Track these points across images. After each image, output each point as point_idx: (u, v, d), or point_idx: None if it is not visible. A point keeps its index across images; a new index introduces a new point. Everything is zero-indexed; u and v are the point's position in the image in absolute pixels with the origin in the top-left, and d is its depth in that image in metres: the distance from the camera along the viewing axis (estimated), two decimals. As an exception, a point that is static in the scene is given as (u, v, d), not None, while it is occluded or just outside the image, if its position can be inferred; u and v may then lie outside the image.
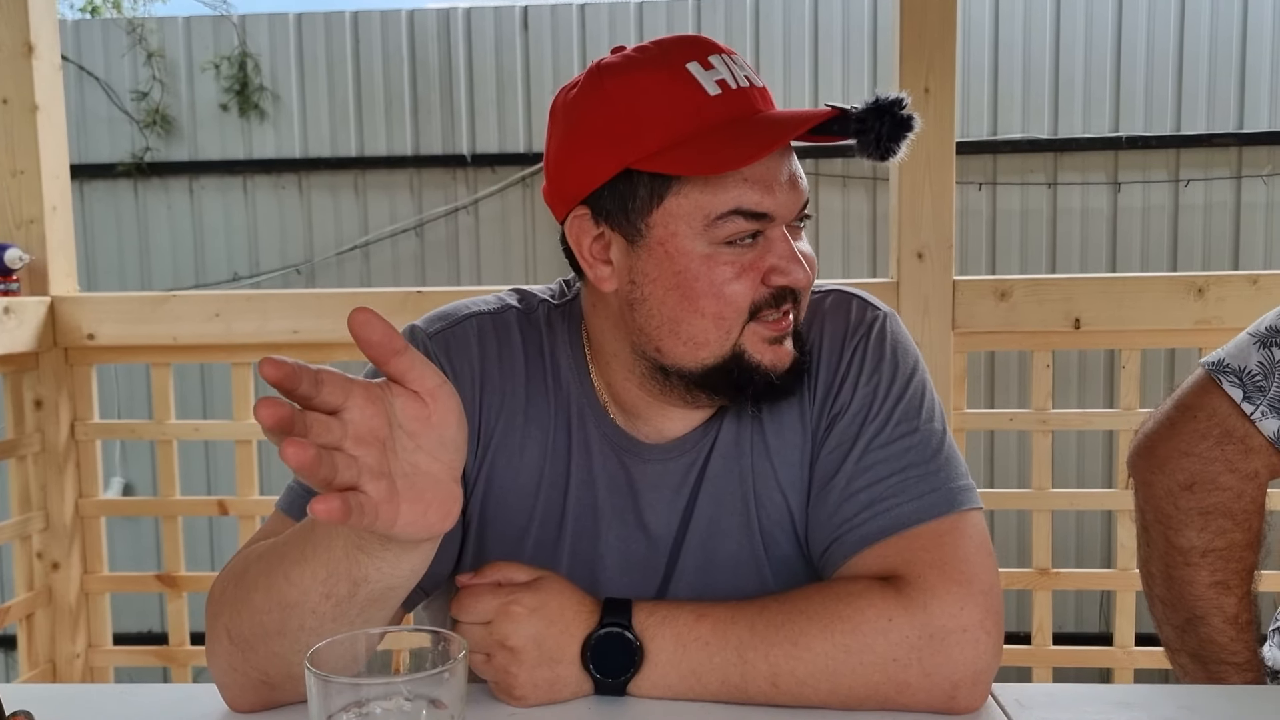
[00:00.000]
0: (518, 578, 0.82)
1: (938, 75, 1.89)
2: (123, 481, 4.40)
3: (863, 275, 4.29)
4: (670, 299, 0.84)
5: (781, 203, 0.83)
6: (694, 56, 0.83)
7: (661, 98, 0.81)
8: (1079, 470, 4.03)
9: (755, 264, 0.83)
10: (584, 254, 0.87)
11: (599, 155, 0.83)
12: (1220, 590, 1.03)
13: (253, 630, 0.74)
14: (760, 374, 0.85)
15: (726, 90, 0.82)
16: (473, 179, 4.36)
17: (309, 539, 0.70)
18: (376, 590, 0.69)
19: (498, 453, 0.91)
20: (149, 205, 4.47)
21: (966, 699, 0.78)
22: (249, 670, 0.76)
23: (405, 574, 0.69)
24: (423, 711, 0.57)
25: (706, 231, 0.82)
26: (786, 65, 4.25)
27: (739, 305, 0.83)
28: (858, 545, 0.84)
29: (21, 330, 2.00)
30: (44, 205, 2.08)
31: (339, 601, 0.70)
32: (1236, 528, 1.01)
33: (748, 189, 0.81)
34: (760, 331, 0.84)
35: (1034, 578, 2.03)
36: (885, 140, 0.81)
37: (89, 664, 2.19)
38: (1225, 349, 1.04)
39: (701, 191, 0.81)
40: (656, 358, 0.86)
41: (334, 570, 0.69)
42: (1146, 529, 1.07)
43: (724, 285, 0.82)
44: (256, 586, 0.74)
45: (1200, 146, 4.14)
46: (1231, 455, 1.00)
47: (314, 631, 0.71)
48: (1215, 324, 1.87)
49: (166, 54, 4.42)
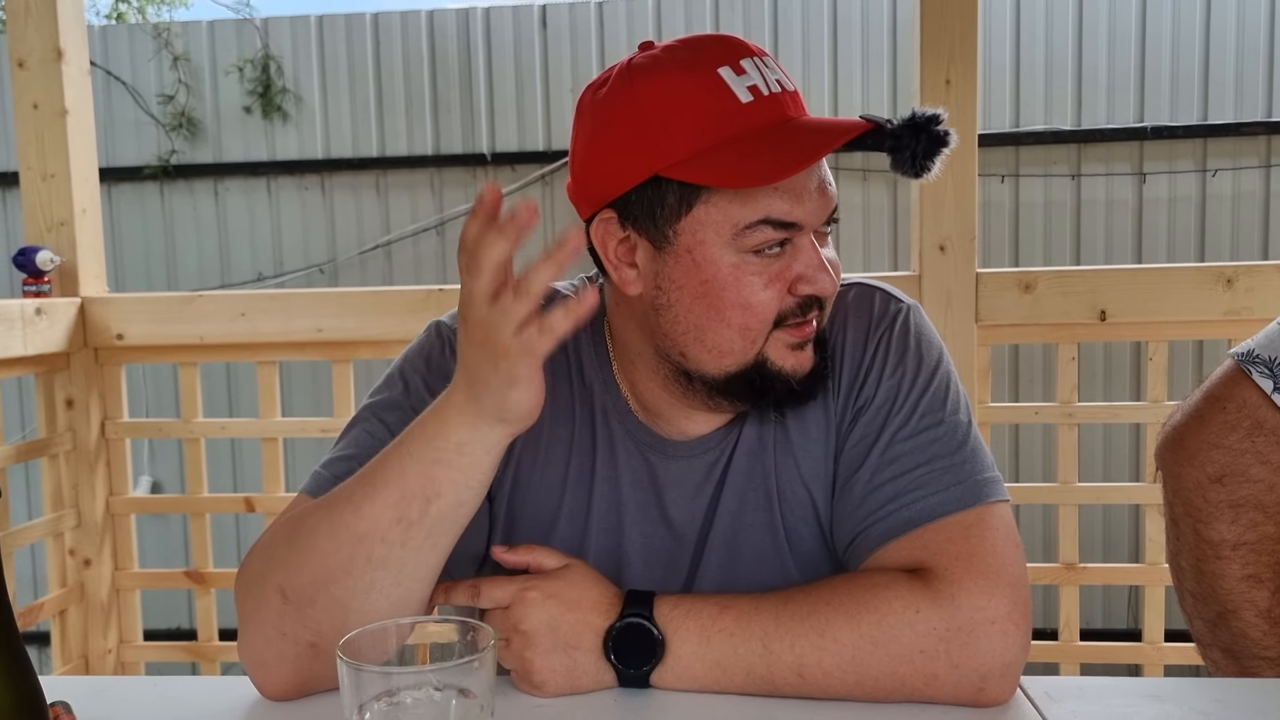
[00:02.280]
0: (547, 563, 0.83)
1: (959, 67, 1.87)
2: (151, 480, 4.46)
3: (884, 269, 4.26)
4: (697, 307, 0.83)
5: (810, 211, 0.82)
6: (726, 60, 0.82)
7: (693, 104, 0.80)
8: (1106, 464, 3.99)
9: (783, 273, 0.82)
10: (609, 256, 0.86)
11: (628, 159, 0.82)
12: (1252, 584, 1.01)
13: (314, 577, 0.76)
14: (781, 380, 0.85)
15: (759, 97, 0.81)
16: (493, 177, 4.37)
17: (378, 472, 0.76)
18: (447, 507, 0.75)
19: (524, 448, 0.91)
20: (175, 207, 4.52)
21: (995, 691, 0.78)
22: (299, 632, 0.77)
23: (475, 486, 0.76)
24: (452, 701, 0.58)
25: (735, 241, 0.81)
26: (805, 58, 4.23)
27: (765, 315, 0.83)
28: (883, 538, 0.84)
29: (53, 331, 2.03)
30: (74, 208, 2.11)
31: (410, 525, 0.75)
32: (1268, 520, 1.00)
33: (777, 199, 0.81)
34: (784, 338, 0.84)
35: (1061, 573, 2.02)
36: (921, 158, 0.81)
37: (120, 659, 2.22)
38: (1255, 339, 1.03)
39: (731, 201, 0.80)
40: (681, 362, 0.86)
41: (407, 490, 0.75)
42: (1176, 522, 1.06)
43: (751, 295, 0.82)
44: (317, 531, 0.77)
45: (1228, 136, 4.07)
46: (1262, 447, 0.99)
47: (381, 563, 0.75)
48: (1245, 315, 1.84)
49: (191, 58, 4.47)
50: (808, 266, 0.82)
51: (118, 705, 0.83)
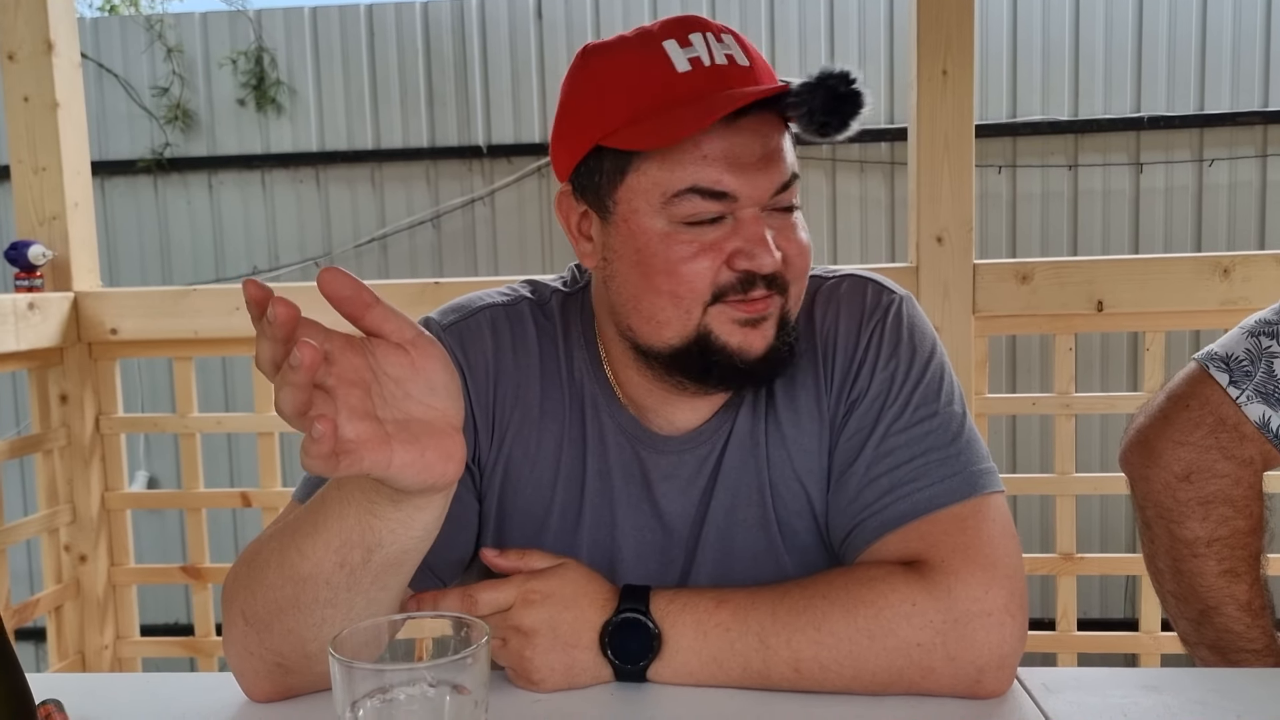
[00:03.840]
0: (538, 565, 0.83)
1: (955, 57, 1.87)
2: (147, 475, 4.45)
3: (882, 260, 4.26)
4: (633, 276, 0.83)
5: (747, 183, 0.79)
6: (674, 34, 0.82)
7: (630, 75, 0.81)
8: (1103, 454, 4.00)
9: (718, 245, 0.81)
10: (572, 231, 0.89)
11: (576, 132, 0.84)
12: (1230, 579, 1.01)
13: (267, 608, 0.74)
14: (726, 357, 0.83)
15: (698, 67, 0.80)
16: (488, 170, 4.36)
17: (320, 510, 0.71)
18: (391, 555, 0.69)
19: (514, 444, 0.91)
20: (169, 201, 4.50)
21: (992, 683, 0.78)
22: (264, 653, 0.76)
23: (419, 535, 0.69)
24: (446, 697, 0.58)
25: (665, 209, 0.80)
26: (802, 49, 4.22)
27: (696, 285, 0.81)
28: (879, 531, 0.83)
29: (46, 326, 2.02)
30: (66, 202, 2.10)
31: (353, 570, 0.70)
32: (1238, 514, 1.00)
33: (705, 166, 0.79)
34: (728, 313, 0.82)
35: (1058, 563, 2.02)
36: (819, 114, 0.77)
37: (117, 655, 2.22)
38: (1218, 342, 1.04)
39: (659, 168, 0.80)
40: (631, 336, 0.87)
41: (347, 538, 0.69)
42: (1149, 525, 1.06)
43: (680, 264, 0.80)
44: (269, 564, 0.74)
45: (1224, 125, 4.07)
46: (1226, 442, 0.99)
47: (329, 603, 0.71)
48: (1242, 304, 1.84)
49: (184, 50, 4.44)
50: (747, 240, 0.80)
51: (110, 703, 0.82)
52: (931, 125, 1.89)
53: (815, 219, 4.27)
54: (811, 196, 4.24)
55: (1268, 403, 0.97)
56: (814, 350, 0.90)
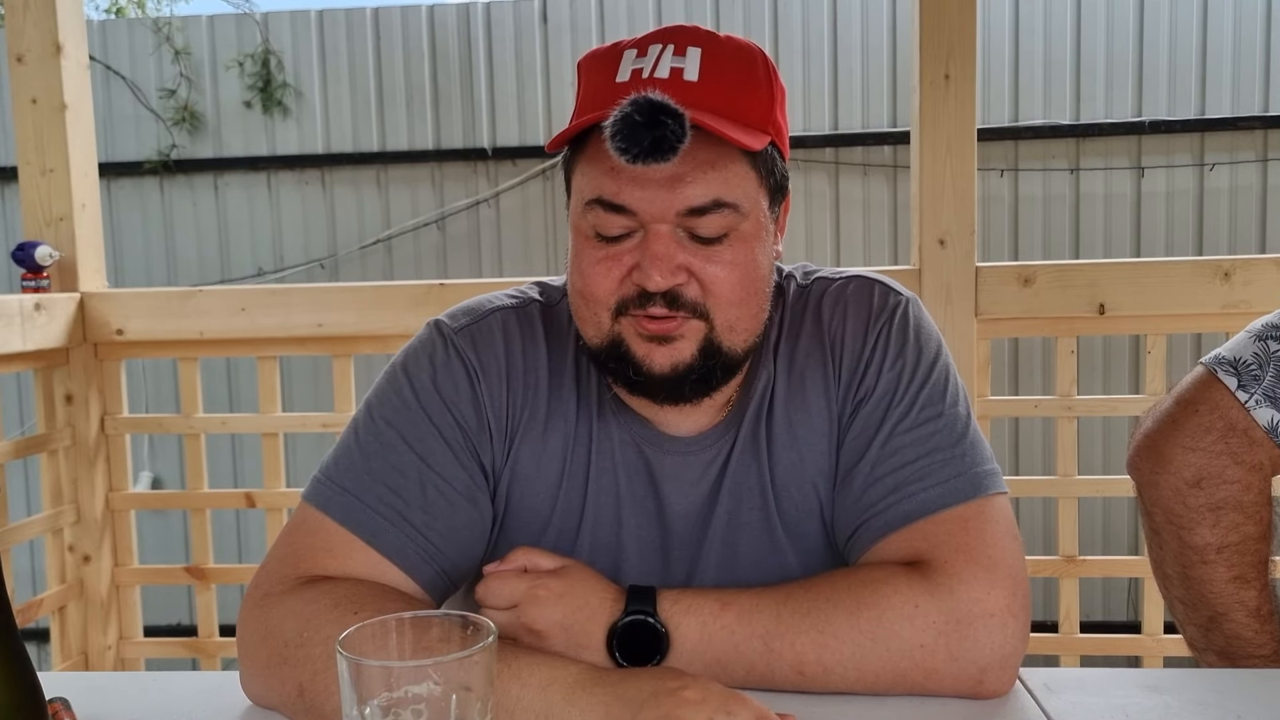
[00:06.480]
0: (543, 564, 0.83)
1: (958, 61, 1.87)
2: (151, 475, 4.46)
3: (885, 264, 4.26)
4: (569, 275, 0.88)
5: (646, 199, 0.79)
6: (641, 43, 0.83)
7: (588, 79, 0.86)
8: (1105, 457, 4.00)
9: (620, 258, 0.82)
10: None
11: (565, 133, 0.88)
12: (1239, 585, 1.01)
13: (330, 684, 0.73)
14: (635, 367, 0.83)
15: (635, 79, 0.81)
16: (493, 172, 4.37)
17: None
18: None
19: (523, 444, 0.91)
20: (175, 202, 4.52)
21: (994, 683, 0.78)
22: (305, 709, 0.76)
23: None
24: (453, 695, 0.58)
25: (583, 215, 0.84)
26: (805, 55, 4.23)
27: (597, 293, 0.83)
28: (883, 531, 0.84)
29: (52, 326, 2.03)
30: (73, 203, 2.11)
31: None
32: (1248, 520, 1.00)
33: (608, 179, 0.81)
34: (634, 325, 0.83)
35: (1060, 565, 2.02)
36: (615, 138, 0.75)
37: (120, 655, 2.23)
38: (1225, 346, 1.03)
39: (581, 175, 0.84)
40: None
41: None
42: (1157, 531, 1.05)
43: (586, 269, 0.84)
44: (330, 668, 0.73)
45: (1225, 130, 4.08)
46: (1236, 447, 0.98)
47: None
48: (1243, 308, 1.85)
49: (191, 52, 4.46)
50: (643, 257, 0.81)
51: (116, 702, 0.83)
52: (934, 129, 1.89)
53: (818, 221, 4.28)
54: (815, 199, 4.25)
55: (1276, 407, 0.97)
56: (822, 350, 0.91)
